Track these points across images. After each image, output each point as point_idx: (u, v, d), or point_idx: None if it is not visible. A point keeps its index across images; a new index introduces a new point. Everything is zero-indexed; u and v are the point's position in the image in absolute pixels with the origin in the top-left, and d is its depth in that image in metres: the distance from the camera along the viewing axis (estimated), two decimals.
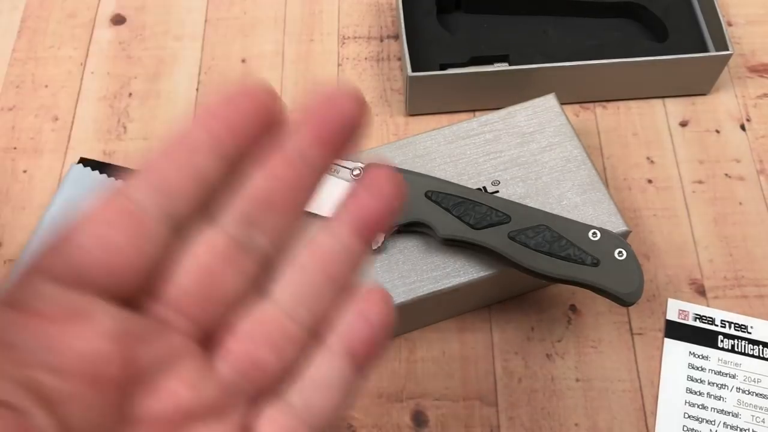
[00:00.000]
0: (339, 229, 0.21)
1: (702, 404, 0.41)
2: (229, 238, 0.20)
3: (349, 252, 0.21)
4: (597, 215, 0.40)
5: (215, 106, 0.19)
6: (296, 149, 0.20)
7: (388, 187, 0.21)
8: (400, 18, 0.50)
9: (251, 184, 0.20)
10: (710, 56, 0.48)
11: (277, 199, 0.20)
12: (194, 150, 0.19)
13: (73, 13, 0.55)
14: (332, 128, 0.20)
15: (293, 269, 0.21)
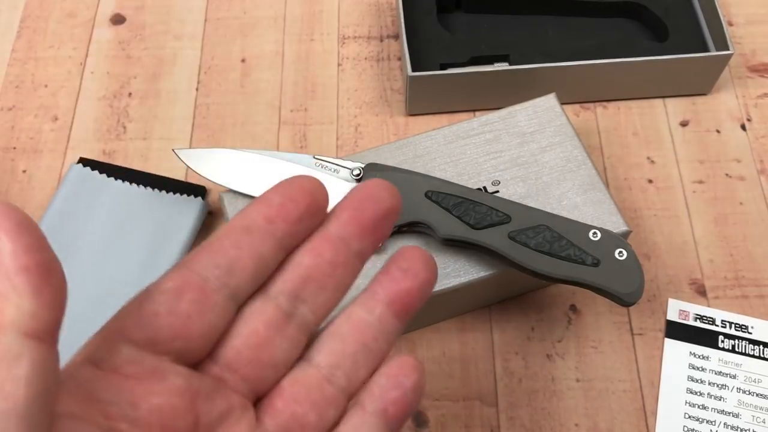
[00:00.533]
0: (374, 305, 0.24)
1: (702, 404, 0.41)
2: (278, 309, 0.23)
3: (382, 326, 0.24)
4: (597, 215, 0.40)
5: (272, 197, 0.23)
6: (338, 233, 0.24)
7: (421, 269, 0.24)
8: (400, 18, 0.50)
9: (299, 262, 0.23)
10: (711, 56, 0.48)
11: (321, 277, 0.23)
12: (254, 234, 0.22)
13: (72, 13, 0.55)
14: (369, 214, 0.24)
15: (333, 338, 0.24)
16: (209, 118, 0.51)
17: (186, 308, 0.21)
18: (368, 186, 0.24)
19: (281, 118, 0.51)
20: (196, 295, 0.22)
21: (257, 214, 0.23)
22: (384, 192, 0.24)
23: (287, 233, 0.23)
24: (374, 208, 0.24)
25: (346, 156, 0.42)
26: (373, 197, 0.24)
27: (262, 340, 0.23)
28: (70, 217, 0.44)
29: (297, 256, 0.23)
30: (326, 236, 0.24)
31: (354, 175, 0.40)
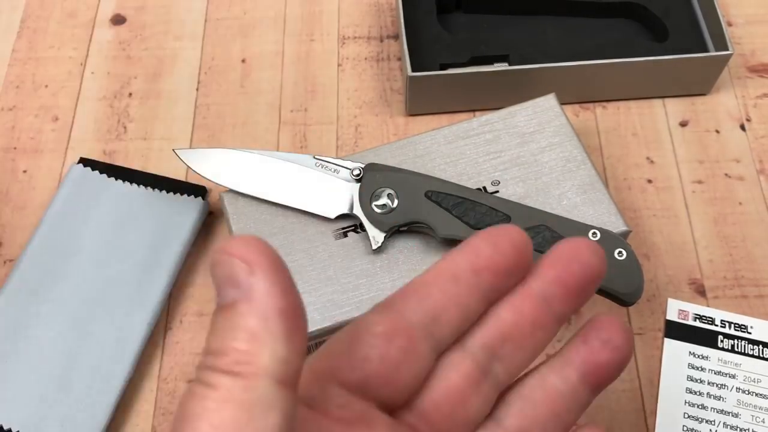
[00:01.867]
0: (569, 374, 0.23)
1: (702, 404, 0.41)
2: (476, 364, 0.22)
3: (575, 397, 0.23)
4: (597, 215, 0.40)
5: (481, 246, 0.22)
6: (542, 292, 0.23)
7: (622, 343, 0.23)
8: (400, 18, 0.50)
9: (500, 318, 0.23)
10: (710, 56, 0.48)
11: (520, 336, 0.23)
12: (461, 285, 0.22)
13: (73, 13, 0.55)
14: (575, 277, 0.23)
15: (524, 402, 0.23)
16: (209, 118, 0.51)
17: (396, 356, 0.21)
18: (575, 245, 0.23)
19: (281, 118, 0.51)
20: (406, 342, 0.21)
21: (465, 263, 0.22)
22: (592, 254, 0.23)
23: (493, 286, 0.22)
24: (581, 271, 0.23)
25: (346, 156, 0.42)
26: (580, 259, 0.23)
27: (459, 394, 0.22)
28: (70, 217, 0.44)
29: (498, 310, 0.23)
30: (529, 294, 0.23)
31: (354, 175, 0.40)
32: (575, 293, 0.23)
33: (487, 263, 0.22)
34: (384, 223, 0.39)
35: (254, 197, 0.41)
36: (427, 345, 0.21)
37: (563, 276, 0.23)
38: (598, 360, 0.23)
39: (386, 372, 0.21)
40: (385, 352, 0.21)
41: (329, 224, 0.40)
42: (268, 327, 0.17)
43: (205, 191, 0.46)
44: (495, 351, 0.22)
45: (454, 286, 0.22)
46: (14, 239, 0.46)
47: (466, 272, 0.22)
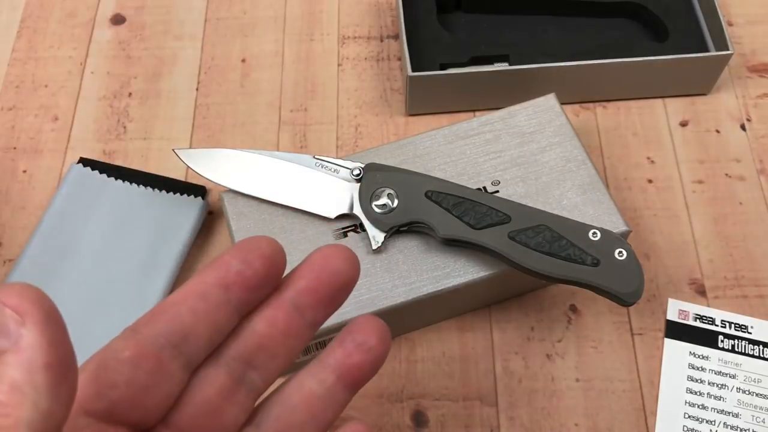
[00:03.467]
0: (325, 377, 0.24)
1: (702, 404, 0.41)
2: (230, 375, 0.23)
3: (332, 397, 0.24)
4: (597, 215, 0.40)
5: (229, 261, 0.22)
6: (294, 302, 0.23)
7: (376, 343, 0.24)
8: (400, 18, 0.50)
9: (253, 330, 0.23)
10: (710, 56, 0.48)
11: (273, 345, 0.23)
12: (210, 302, 0.22)
13: (72, 13, 0.55)
14: (325, 285, 0.24)
15: (282, 407, 0.24)
16: (209, 118, 0.51)
17: (144, 380, 0.21)
18: (327, 254, 0.24)
19: (281, 118, 0.51)
20: (153, 365, 0.21)
21: (214, 280, 0.22)
22: (344, 262, 0.24)
23: (244, 300, 0.23)
24: (331, 281, 0.23)
25: (346, 156, 0.42)
26: (332, 268, 0.23)
27: (213, 406, 0.23)
28: (70, 217, 0.44)
29: (251, 322, 0.23)
30: (281, 304, 0.23)
31: (354, 175, 0.40)
32: (326, 301, 0.24)
33: (236, 278, 0.22)
34: (384, 223, 0.38)
35: (254, 197, 0.41)
36: (178, 364, 0.22)
37: (313, 285, 0.23)
38: (352, 362, 0.24)
39: (135, 396, 0.21)
40: (132, 377, 0.21)
41: (329, 224, 0.40)
42: (32, 380, 0.17)
43: (205, 191, 0.46)
44: (249, 361, 0.23)
45: (203, 303, 0.22)
46: (14, 239, 0.46)
47: (215, 288, 0.22)
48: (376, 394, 0.41)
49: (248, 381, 0.23)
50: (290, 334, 0.23)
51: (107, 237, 0.43)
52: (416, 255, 0.39)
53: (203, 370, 0.23)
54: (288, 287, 0.24)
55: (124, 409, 0.21)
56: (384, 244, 0.39)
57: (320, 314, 0.24)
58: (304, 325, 0.24)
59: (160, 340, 0.21)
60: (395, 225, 0.38)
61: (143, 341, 0.21)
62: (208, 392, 0.23)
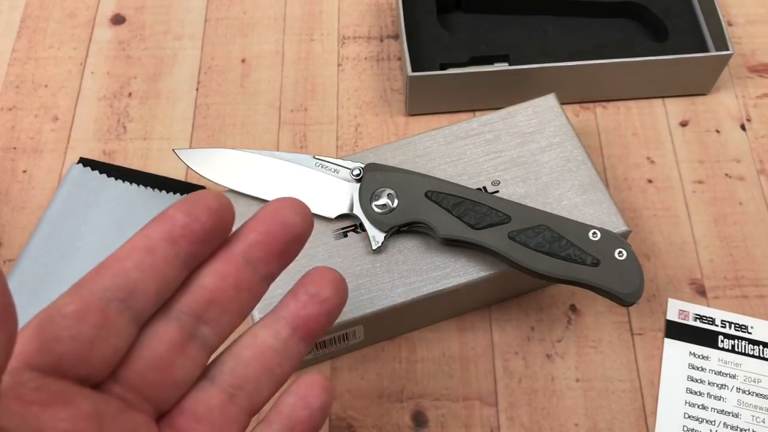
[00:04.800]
0: (280, 329, 0.24)
1: (702, 404, 0.41)
2: (180, 330, 0.23)
3: (287, 350, 0.24)
4: (597, 215, 0.40)
5: (175, 214, 0.22)
6: (244, 256, 0.23)
7: (331, 294, 0.24)
8: (400, 18, 0.50)
9: (203, 284, 0.23)
10: (710, 56, 0.48)
11: (224, 300, 0.23)
12: (156, 256, 0.22)
13: (72, 13, 0.55)
14: (276, 238, 0.23)
15: (237, 360, 0.24)
16: (209, 118, 0.51)
17: (89, 333, 0.21)
18: (279, 206, 0.24)
19: (281, 118, 0.51)
20: (99, 319, 0.21)
21: (160, 234, 0.22)
22: (295, 215, 0.23)
23: (191, 254, 0.22)
24: (283, 233, 0.23)
25: (346, 156, 0.42)
26: (282, 220, 0.23)
27: (164, 361, 0.22)
28: (70, 217, 0.44)
29: (201, 276, 0.23)
30: (231, 258, 0.23)
31: (354, 175, 0.40)
32: (277, 254, 0.23)
33: (183, 232, 0.22)
34: (384, 223, 0.38)
35: (254, 197, 0.41)
36: (125, 318, 0.22)
37: (264, 238, 0.23)
38: (307, 313, 0.24)
39: (80, 350, 0.21)
40: (77, 332, 0.21)
41: (329, 224, 0.40)
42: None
43: None
44: (200, 315, 0.23)
45: (149, 257, 0.22)
46: (14, 239, 0.46)
47: (161, 242, 0.22)
48: (376, 394, 0.41)
49: (200, 336, 0.23)
50: (242, 288, 0.23)
51: (107, 237, 0.43)
52: (416, 255, 0.39)
53: (153, 325, 0.23)
54: (238, 241, 0.23)
55: (70, 363, 0.21)
56: (384, 244, 0.39)
57: (273, 267, 0.24)
58: (256, 279, 0.24)
59: (106, 295, 0.21)
60: (395, 225, 0.38)
61: (88, 296, 0.21)
62: (157, 347, 0.22)
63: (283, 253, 0.24)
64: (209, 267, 0.23)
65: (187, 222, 0.22)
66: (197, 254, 0.23)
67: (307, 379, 0.24)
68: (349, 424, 0.41)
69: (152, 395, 0.23)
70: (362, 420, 0.41)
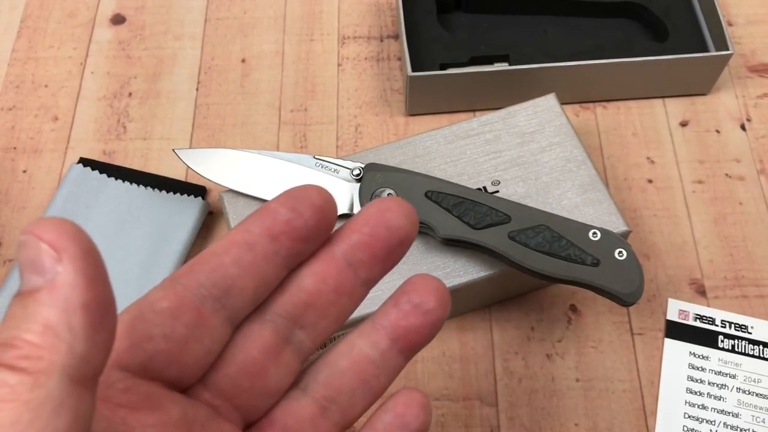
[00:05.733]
0: (378, 339, 0.22)
1: (702, 404, 0.41)
2: (275, 333, 0.21)
3: (385, 363, 0.22)
4: (597, 215, 0.40)
5: (277, 209, 0.21)
6: (346, 258, 0.21)
7: (435, 304, 0.22)
8: (400, 18, 0.50)
9: (301, 286, 0.21)
10: (710, 56, 0.48)
11: (323, 304, 0.21)
12: (256, 252, 0.20)
13: (72, 13, 0.55)
14: (381, 241, 0.21)
15: (332, 370, 0.22)
16: (209, 118, 0.51)
17: (182, 333, 0.19)
18: (384, 207, 0.21)
19: (281, 118, 0.51)
20: (193, 318, 0.20)
21: (261, 229, 0.20)
22: (402, 217, 0.21)
23: (292, 252, 0.21)
24: (388, 236, 0.21)
25: (346, 156, 0.42)
26: (389, 222, 0.21)
27: (257, 366, 0.21)
28: (70, 217, 0.44)
29: (300, 277, 0.21)
30: (333, 260, 0.21)
31: (354, 175, 0.40)
32: (381, 258, 0.22)
33: (285, 228, 0.20)
34: None
35: (254, 197, 0.41)
36: (219, 318, 0.20)
37: (368, 240, 0.21)
38: (408, 324, 0.22)
39: (172, 350, 0.19)
40: (170, 330, 0.19)
41: None
42: (68, 321, 0.15)
43: (205, 191, 0.46)
44: (296, 319, 0.21)
45: (249, 254, 0.20)
46: (14, 239, 0.46)
47: (261, 238, 0.20)
48: None
49: (295, 341, 0.22)
50: (342, 292, 0.22)
51: (107, 237, 0.43)
52: (416, 255, 0.39)
53: (247, 326, 0.21)
54: (340, 241, 0.22)
55: (161, 363, 0.19)
56: None
57: (375, 271, 0.22)
58: (357, 283, 0.22)
59: (201, 292, 0.20)
60: None
61: (183, 292, 0.20)
62: (251, 351, 0.21)
63: (388, 257, 0.22)
64: (309, 267, 0.21)
65: (290, 218, 0.20)
66: (298, 253, 0.21)
67: (405, 395, 0.22)
68: None
69: (242, 403, 0.21)
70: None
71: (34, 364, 0.15)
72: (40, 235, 0.16)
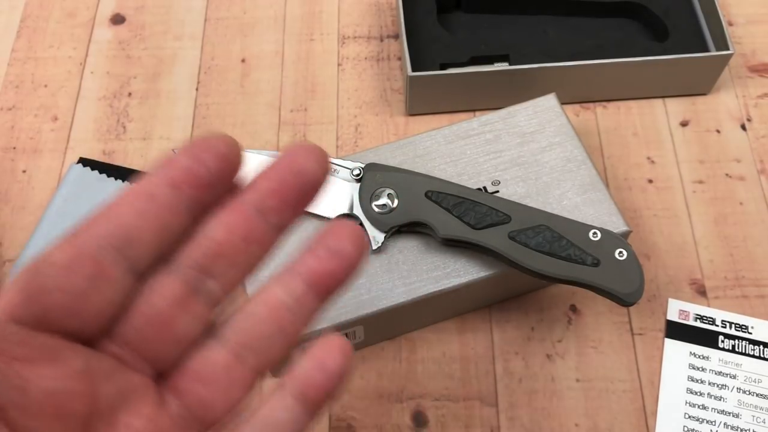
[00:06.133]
0: (295, 286, 0.22)
1: (702, 404, 0.41)
2: (183, 283, 0.21)
3: (301, 308, 0.22)
4: (597, 215, 0.40)
5: (179, 159, 0.20)
6: (256, 205, 0.21)
7: (351, 249, 0.22)
8: (400, 18, 0.50)
9: (208, 235, 0.21)
10: (711, 56, 0.48)
11: (232, 251, 0.21)
12: (157, 202, 0.20)
13: (72, 13, 0.55)
14: (291, 185, 0.21)
15: (245, 316, 0.22)
16: (209, 118, 0.51)
17: (80, 284, 0.19)
18: (294, 152, 0.21)
19: (281, 118, 0.51)
20: (91, 269, 0.19)
21: (161, 178, 0.20)
22: (312, 162, 0.21)
23: (196, 200, 0.21)
24: (297, 181, 0.21)
25: (346, 156, 0.42)
26: (297, 167, 0.21)
27: (164, 316, 0.21)
28: (70, 217, 0.44)
29: (207, 227, 0.21)
30: (241, 208, 0.21)
31: (354, 175, 0.40)
32: (292, 204, 0.22)
33: (186, 176, 0.20)
34: (384, 223, 0.38)
35: None
36: (121, 268, 0.20)
37: (277, 187, 0.21)
38: (324, 269, 0.22)
39: (70, 302, 0.19)
40: (66, 282, 0.19)
41: None
42: None
43: None
44: (206, 268, 0.21)
45: (150, 203, 0.20)
46: (14, 239, 0.46)
47: (162, 188, 0.20)
48: (376, 394, 0.41)
49: (204, 290, 0.21)
50: (252, 240, 0.21)
51: None
52: (416, 255, 0.39)
53: (154, 277, 0.21)
54: (250, 191, 0.22)
55: (59, 316, 0.19)
56: (384, 244, 0.39)
57: (286, 217, 0.22)
58: (268, 230, 0.22)
59: (100, 243, 0.19)
60: (395, 225, 0.38)
61: (79, 244, 0.19)
62: (157, 301, 0.21)
63: (298, 201, 0.22)
64: (217, 217, 0.21)
65: (192, 165, 0.20)
66: (202, 201, 0.21)
67: (326, 341, 0.22)
68: (349, 424, 0.40)
69: (151, 354, 0.21)
70: (362, 420, 0.41)
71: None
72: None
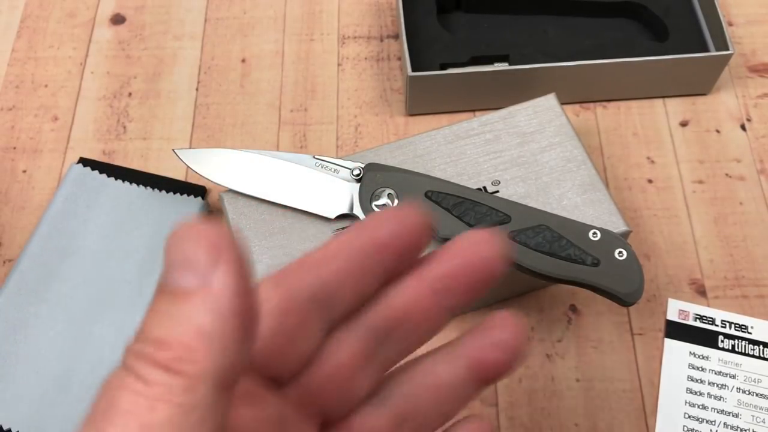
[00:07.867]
0: (457, 366, 0.23)
1: (702, 404, 0.41)
2: (366, 343, 0.21)
3: (460, 389, 0.23)
4: (597, 215, 0.40)
5: (387, 222, 0.21)
6: (434, 281, 0.22)
7: (513, 341, 0.22)
8: (400, 18, 0.50)
9: (396, 302, 0.22)
10: (711, 56, 0.48)
11: (413, 323, 0.22)
12: (361, 263, 0.21)
13: (72, 13, 0.55)
14: (470, 273, 0.22)
15: (409, 385, 0.23)
16: (209, 118, 0.51)
17: (288, 331, 0.20)
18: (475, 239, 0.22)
19: (281, 118, 0.51)
20: (298, 318, 0.20)
21: (368, 239, 0.21)
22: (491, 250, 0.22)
23: (391, 266, 0.21)
24: (484, 271, 0.22)
25: (346, 156, 0.42)
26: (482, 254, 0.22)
27: (345, 373, 0.21)
28: (70, 217, 0.44)
29: (391, 293, 0.22)
30: (423, 283, 0.22)
31: (354, 175, 0.40)
32: (469, 289, 0.22)
33: (391, 241, 0.21)
34: None
35: (254, 197, 0.41)
36: (320, 322, 0.20)
37: (467, 274, 0.22)
38: (487, 358, 0.22)
39: (276, 348, 0.20)
40: (277, 328, 0.19)
41: (329, 224, 0.40)
42: (222, 327, 0.16)
43: (205, 191, 0.46)
44: (388, 333, 0.22)
45: (354, 263, 0.21)
46: (14, 239, 0.46)
47: (368, 248, 0.21)
48: None
49: (381, 354, 0.22)
50: (431, 318, 0.22)
51: (107, 237, 0.43)
52: None
53: (339, 333, 0.21)
54: (437, 264, 0.22)
55: (264, 359, 0.20)
56: None
57: (460, 301, 0.22)
58: (443, 310, 0.22)
59: (307, 293, 0.20)
60: None
61: (291, 292, 0.20)
62: (341, 357, 0.21)
63: (474, 288, 0.22)
64: (401, 286, 0.22)
65: (398, 231, 0.21)
66: (396, 267, 0.21)
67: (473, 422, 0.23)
68: None
69: (325, 407, 0.21)
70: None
71: (188, 368, 0.15)
72: (200, 234, 0.16)
